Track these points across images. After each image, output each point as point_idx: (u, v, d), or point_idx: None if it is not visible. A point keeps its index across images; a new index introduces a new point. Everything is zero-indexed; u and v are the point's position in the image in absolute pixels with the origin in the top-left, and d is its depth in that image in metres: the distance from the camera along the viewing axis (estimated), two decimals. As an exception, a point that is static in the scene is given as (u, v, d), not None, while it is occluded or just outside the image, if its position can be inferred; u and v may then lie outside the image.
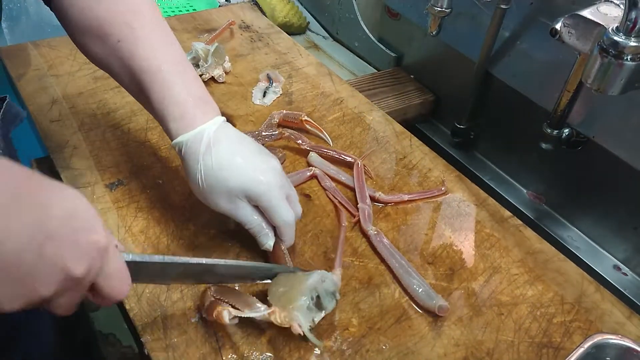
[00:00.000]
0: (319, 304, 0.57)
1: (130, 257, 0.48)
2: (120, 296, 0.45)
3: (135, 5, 0.63)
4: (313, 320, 0.55)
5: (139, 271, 0.49)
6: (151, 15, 0.64)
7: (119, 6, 0.62)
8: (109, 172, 0.74)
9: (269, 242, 0.62)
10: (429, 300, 0.60)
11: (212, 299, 0.56)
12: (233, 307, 0.55)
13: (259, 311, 0.54)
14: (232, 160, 0.59)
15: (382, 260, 0.66)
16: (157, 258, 0.51)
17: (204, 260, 0.55)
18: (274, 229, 0.62)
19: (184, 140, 0.60)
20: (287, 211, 0.61)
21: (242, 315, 0.54)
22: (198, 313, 0.58)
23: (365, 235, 0.69)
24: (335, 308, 0.59)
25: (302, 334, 0.53)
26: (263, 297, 0.57)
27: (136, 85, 0.62)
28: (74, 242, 0.39)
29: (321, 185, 0.76)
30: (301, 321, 0.53)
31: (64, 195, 0.40)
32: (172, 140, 0.61)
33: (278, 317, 0.54)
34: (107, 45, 0.62)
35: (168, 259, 0.52)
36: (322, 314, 0.57)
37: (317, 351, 0.56)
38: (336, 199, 0.73)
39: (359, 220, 0.70)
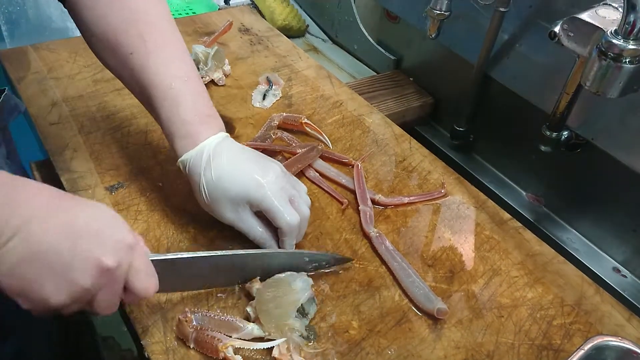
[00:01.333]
0: (302, 311, 0.58)
1: (156, 257, 0.52)
2: (149, 291, 0.50)
3: (150, 17, 0.64)
4: (303, 330, 0.56)
5: (166, 272, 0.51)
6: (166, 28, 0.65)
7: (134, 16, 0.62)
8: (109, 175, 0.74)
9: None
10: (429, 303, 0.60)
11: (196, 332, 0.55)
12: (228, 335, 0.55)
13: (257, 340, 0.55)
14: (231, 171, 0.61)
15: (383, 262, 0.66)
16: (183, 254, 0.54)
17: (230, 252, 0.56)
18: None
19: (188, 158, 0.62)
20: (290, 213, 0.61)
21: (246, 347, 0.54)
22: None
23: (366, 237, 0.69)
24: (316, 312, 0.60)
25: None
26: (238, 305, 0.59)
27: (146, 98, 0.64)
28: (101, 239, 0.45)
29: (305, 176, 0.77)
30: (298, 342, 0.55)
31: (87, 204, 0.48)
32: (177, 158, 0.63)
33: (279, 351, 0.54)
34: (120, 56, 0.62)
35: (194, 254, 0.54)
36: (307, 321, 0.58)
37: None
38: (323, 187, 0.76)
39: (347, 207, 0.72)
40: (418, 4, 1.00)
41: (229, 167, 0.61)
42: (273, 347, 0.54)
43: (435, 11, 0.81)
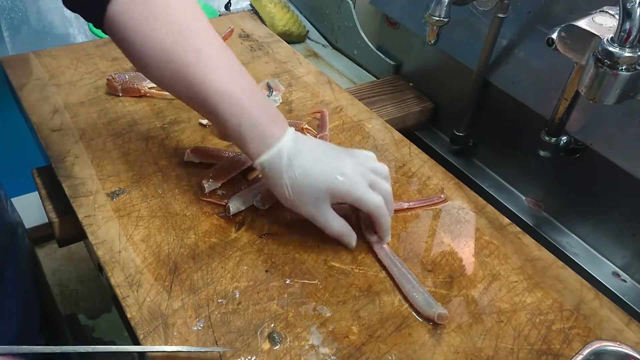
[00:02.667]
0: None
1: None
2: None
3: (200, 30, 0.65)
4: None
5: None
6: (216, 39, 0.66)
7: (183, 30, 0.63)
8: (110, 181, 0.75)
9: (352, 242, 0.68)
10: (429, 308, 0.61)
11: None
12: None
13: None
14: (313, 169, 0.64)
15: (383, 267, 0.67)
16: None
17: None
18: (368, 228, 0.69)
19: (266, 159, 0.64)
20: (374, 197, 0.65)
21: None
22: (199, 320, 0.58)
23: (366, 242, 0.69)
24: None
25: None
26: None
27: (208, 109, 0.64)
28: None
29: None
30: None
31: None
32: (253, 161, 0.65)
33: None
34: (173, 70, 0.63)
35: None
36: None
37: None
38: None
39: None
40: (418, 10, 1.01)
41: (311, 164, 0.64)
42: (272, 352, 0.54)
43: (434, 17, 0.81)
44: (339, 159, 0.66)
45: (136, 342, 0.58)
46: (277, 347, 0.57)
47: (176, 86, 0.65)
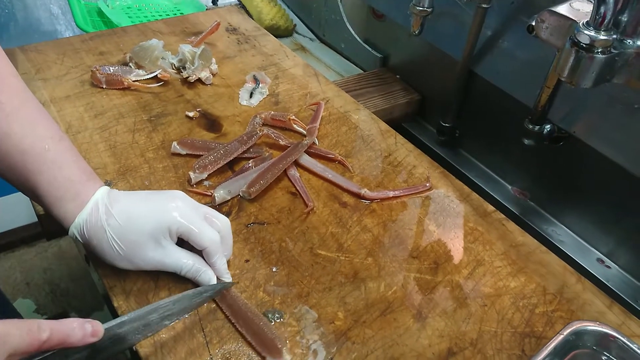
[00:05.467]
0: None
1: None
2: None
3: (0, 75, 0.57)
4: None
5: None
6: (17, 85, 0.58)
7: None
8: (96, 173, 0.74)
9: (211, 279, 0.60)
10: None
11: None
12: None
13: None
14: (138, 209, 0.57)
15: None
16: None
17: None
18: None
19: (83, 218, 0.57)
20: (209, 231, 0.59)
21: None
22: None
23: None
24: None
25: None
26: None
27: (14, 169, 0.56)
28: None
29: (287, 175, 0.77)
30: None
31: None
32: (69, 225, 0.57)
33: None
34: None
35: None
36: None
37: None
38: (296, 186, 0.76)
39: (310, 210, 0.72)
40: (403, 2, 1.01)
41: (134, 206, 0.58)
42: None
43: (417, 7, 0.82)
44: (164, 196, 0.60)
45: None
46: (264, 333, 0.58)
47: None
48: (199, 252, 0.60)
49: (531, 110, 0.81)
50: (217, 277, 0.61)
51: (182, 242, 0.60)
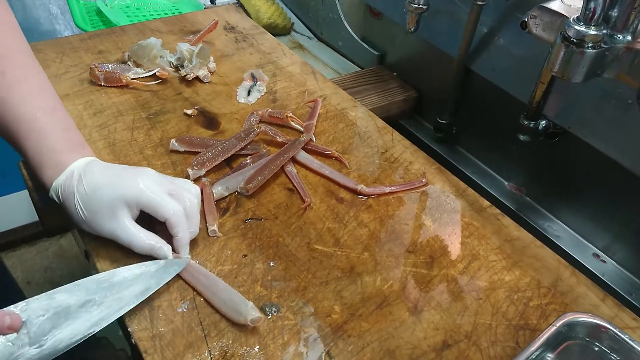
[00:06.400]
0: None
1: None
2: None
3: (8, 50, 0.62)
4: None
5: None
6: (25, 60, 0.64)
7: None
8: (95, 171, 0.75)
9: (167, 254, 0.62)
10: (237, 315, 0.57)
11: None
12: None
13: None
14: (104, 180, 0.61)
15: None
16: None
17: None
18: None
19: (59, 183, 0.61)
20: (171, 203, 0.61)
21: None
22: (184, 303, 0.60)
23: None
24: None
25: None
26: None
27: (11, 134, 0.62)
28: None
29: (285, 172, 0.78)
30: None
31: None
32: (48, 188, 0.62)
33: None
34: None
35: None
36: None
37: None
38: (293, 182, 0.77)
39: (307, 206, 0.73)
40: (400, 0, 1.02)
41: (103, 178, 0.61)
42: (257, 333, 0.55)
43: (413, 5, 0.83)
44: (135, 171, 0.63)
45: (125, 331, 0.59)
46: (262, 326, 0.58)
47: None
48: (168, 236, 0.62)
49: (526, 106, 0.82)
50: (175, 253, 0.63)
51: (154, 224, 0.63)
